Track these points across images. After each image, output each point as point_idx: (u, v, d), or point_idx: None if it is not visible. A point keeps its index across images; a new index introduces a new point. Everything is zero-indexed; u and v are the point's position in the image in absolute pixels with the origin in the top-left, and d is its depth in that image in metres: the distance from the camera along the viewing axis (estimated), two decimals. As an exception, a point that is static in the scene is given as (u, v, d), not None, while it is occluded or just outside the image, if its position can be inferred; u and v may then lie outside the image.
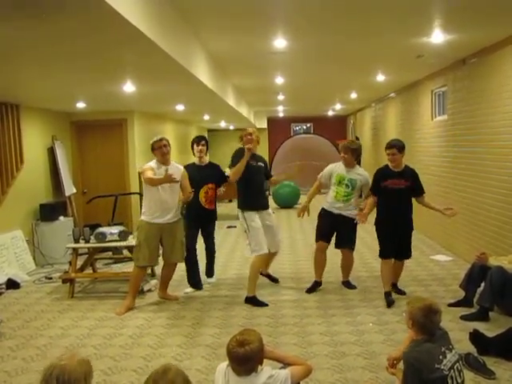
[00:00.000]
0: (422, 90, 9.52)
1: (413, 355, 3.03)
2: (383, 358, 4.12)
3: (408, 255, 6.02)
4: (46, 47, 4.29)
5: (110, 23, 3.52)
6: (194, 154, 6.44)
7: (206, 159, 6.47)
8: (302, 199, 15.16)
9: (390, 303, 5.71)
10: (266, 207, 6.11)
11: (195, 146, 6.35)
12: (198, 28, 5.32)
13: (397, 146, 5.80)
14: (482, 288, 5.26)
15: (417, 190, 5.90)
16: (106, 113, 9.78)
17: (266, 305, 5.78)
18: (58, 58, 4.79)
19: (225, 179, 6.40)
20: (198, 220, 6.33)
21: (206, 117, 13.57)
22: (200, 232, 6.44)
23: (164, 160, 5.78)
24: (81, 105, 8.50)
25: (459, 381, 3.01)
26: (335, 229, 6.18)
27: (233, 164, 5.95)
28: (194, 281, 6.43)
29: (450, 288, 6.18)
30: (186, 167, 6.26)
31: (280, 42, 5.83)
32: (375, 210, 5.98)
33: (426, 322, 3.05)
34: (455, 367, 3.01)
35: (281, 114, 18.75)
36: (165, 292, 6.18)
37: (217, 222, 6.57)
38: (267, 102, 13.75)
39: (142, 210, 5.88)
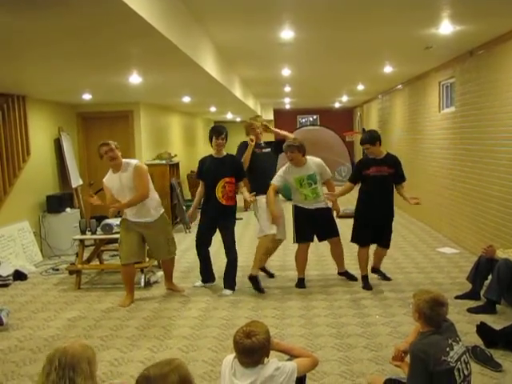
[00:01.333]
0: (430, 81, 9.46)
1: (419, 347, 3.02)
2: (390, 350, 4.12)
3: (388, 243, 6.07)
4: (54, 40, 4.29)
5: (117, 15, 3.53)
6: (211, 146, 5.99)
7: (224, 152, 6.00)
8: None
9: (368, 287, 5.97)
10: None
11: (214, 138, 5.89)
12: (205, 19, 5.29)
13: (368, 142, 5.82)
14: (489, 281, 5.24)
15: (398, 177, 5.93)
16: (112, 104, 9.79)
17: (263, 291, 5.90)
18: (65, 51, 4.79)
19: (244, 173, 6.02)
20: (214, 217, 5.95)
21: (213, 108, 13.55)
22: (220, 233, 6.08)
23: (114, 166, 5.59)
24: (87, 96, 8.50)
25: (466, 373, 2.99)
26: (315, 224, 6.05)
27: (239, 155, 6.12)
28: (205, 275, 6.34)
29: (457, 281, 6.16)
30: (203, 160, 6.08)
31: (287, 33, 5.79)
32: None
33: (433, 314, 3.03)
34: (462, 359, 3.00)
35: (287, 106, 18.70)
36: (170, 283, 6.17)
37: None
38: (274, 93, 13.71)
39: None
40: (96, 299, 5.97)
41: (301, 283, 6.20)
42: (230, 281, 6.06)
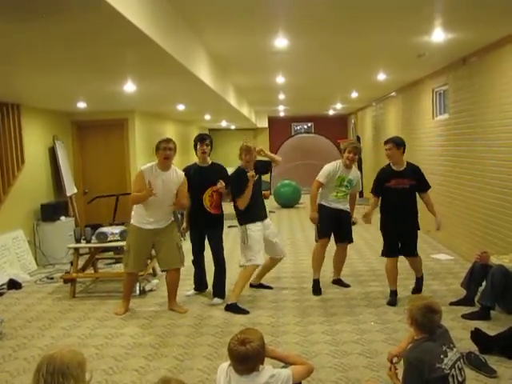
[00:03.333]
0: (423, 88, 9.51)
1: (414, 356, 3.02)
2: (385, 356, 4.10)
3: (413, 253, 5.89)
4: (48, 48, 4.31)
5: (112, 24, 3.54)
6: (196, 153, 6.03)
7: (209, 160, 6.03)
8: (303, 199, 15.18)
9: (392, 303, 5.69)
10: (266, 217, 5.98)
11: (198, 145, 5.92)
12: (200, 28, 5.32)
13: (393, 141, 5.75)
14: (483, 287, 5.26)
15: (422, 186, 5.81)
16: (106, 113, 9.77)
17: (247, 312, 5.55)
18: (60, 59, 4.80)
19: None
20: (202, 225, 5.97)
21: (207, 116, 13.57)
22: (208, 241, 6.10)
23: (164, 164, 5.47)
24: (82, 105, 8.50)
25: (460, 379, 3.00)
26: (336, 224, 6.19)
27: (235, 189, 5.72)
28: (199, 284, 6.33)
29: (452, 287, 6.17)
30: (188, 168, 6.03)
31: (281, 42, 5.82)
32: (378, 210, 5.95)
33: (425, 322, 3.04)
34: (456, 366, 3.00)
35: (282, 114, 18.73)
36: (173, 302, 5.78)
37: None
38: (268, 101, 13.74)
39: (132, 213, 5.60)
40: (91, 308, 5.95)
41: (316, 287, 6.19)
42: (220, 289, 6.02)
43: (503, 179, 6.24)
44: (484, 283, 5.25)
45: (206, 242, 6.17)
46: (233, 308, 5.60)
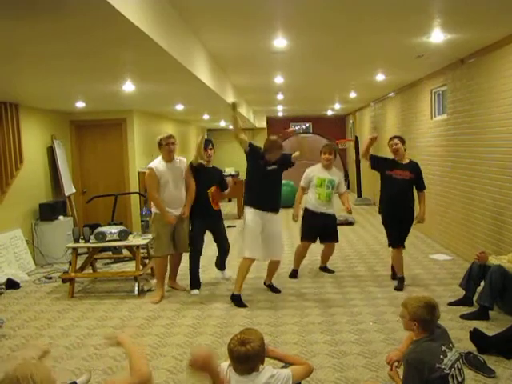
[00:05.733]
0: (422, 89, 9.52)
1: (413, 356, 3.02)
2: (383, 356, 4.12)
3: (403, 244, 6.31)
4: (46, 46, 4.29)
5: (110, 22, 3.53)
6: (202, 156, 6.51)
7: (211, 163, 6.56)
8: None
9: (399, 288, 6.14)
10: (272, 210, 5.84)
11: (203, 151, 6.40)
12: (199, 27, 5.32)
13: (400, 137, 6.24)
14: (481, 287, 5.27)
15: (419, 183, 6.21)
16: (105, 112, 9.77)
17: (245, 306, 5.72)
18: (58, 58, 4.79)
19: (225, 185, 6.67)
20: (207, 220, 6.33)
21: (206, 116, 13.55)
22: (212, 234, 6.53)
23: (170, 157, 6.08)
24: (80, 104, 8.49)
25: (459, 379, 3.01)
26: (320, 227, 6.56)
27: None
28: (197, 280, 6.40)
29: (450, 287, 6.18)
30: (196, 168, 6.45)
31: (280, 42, 5.83)
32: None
33: (431, 319, 3.06)
34: (456, 366, 3.01)
35: (280, 114, 18.73)
36: (174, 281, 6.50)
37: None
38: (267, 101, 13.72)
39: (152, 206, 6.10)
40: (89, 307, 5.95)
41: (294, 274, 6.86)
42: (224, 264, 6.79)
43: (501, 180, 6.25)
44: (482, 283, 5.27)
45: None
46: (235, 299, 5.86)
